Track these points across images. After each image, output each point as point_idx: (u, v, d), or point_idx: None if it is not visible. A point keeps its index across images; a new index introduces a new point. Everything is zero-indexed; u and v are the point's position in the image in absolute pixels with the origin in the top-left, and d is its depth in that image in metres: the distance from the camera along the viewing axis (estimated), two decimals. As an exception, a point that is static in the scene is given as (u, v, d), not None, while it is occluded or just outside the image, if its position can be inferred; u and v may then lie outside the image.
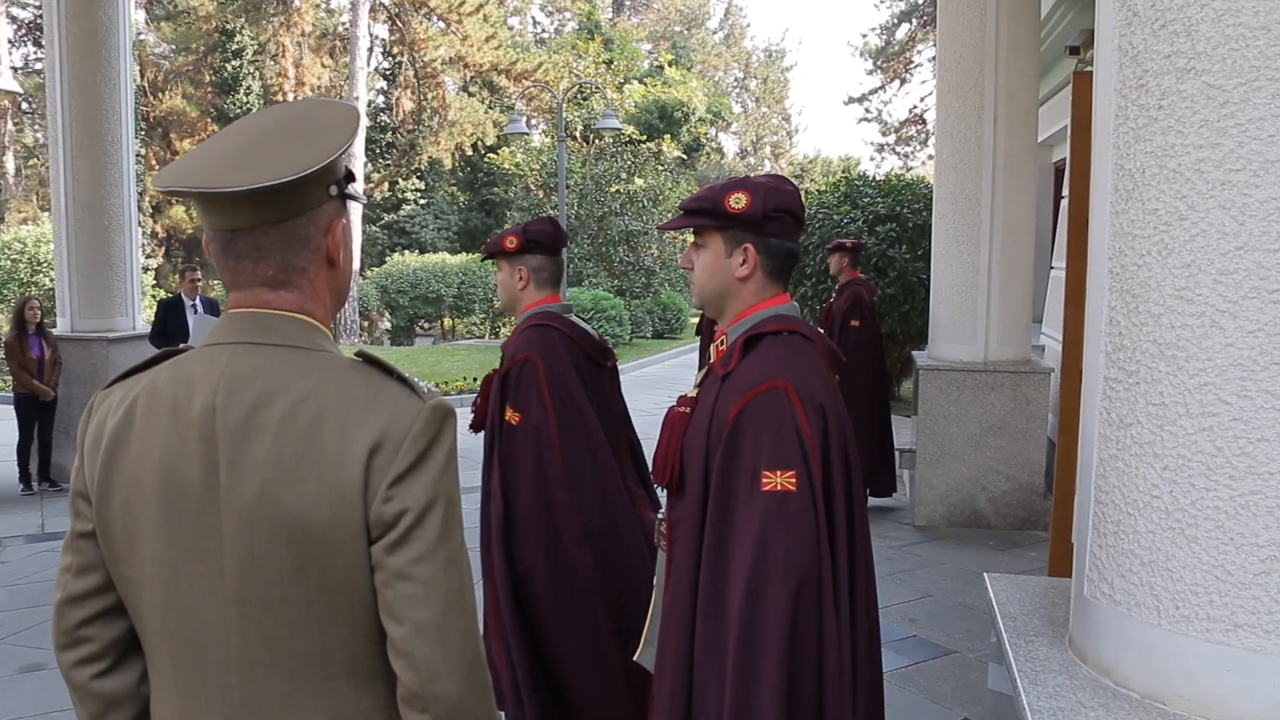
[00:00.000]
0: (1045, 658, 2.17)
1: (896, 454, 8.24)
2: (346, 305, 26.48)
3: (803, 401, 1.98)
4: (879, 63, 41.20)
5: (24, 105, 33.02)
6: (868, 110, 43.45)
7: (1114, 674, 2.01)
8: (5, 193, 33.43)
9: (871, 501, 7.94)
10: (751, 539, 1.91)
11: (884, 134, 43.55)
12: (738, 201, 2.12)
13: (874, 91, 42.62)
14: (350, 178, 1.46)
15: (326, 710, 1.34)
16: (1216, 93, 1.81)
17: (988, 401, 7.12)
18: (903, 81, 40.98)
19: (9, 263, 20.72)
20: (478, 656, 1.33)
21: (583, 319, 3.62)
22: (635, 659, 2.47)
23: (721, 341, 2.22)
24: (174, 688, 1.39)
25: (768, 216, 2.12)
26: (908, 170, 34.17)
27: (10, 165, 33.82)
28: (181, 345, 1.81)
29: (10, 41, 34.36)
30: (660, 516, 2.31)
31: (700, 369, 2.56)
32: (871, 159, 46.14)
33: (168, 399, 1.36)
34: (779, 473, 1.93)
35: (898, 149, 43.21)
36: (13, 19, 34.91)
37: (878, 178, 11.64)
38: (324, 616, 1.32)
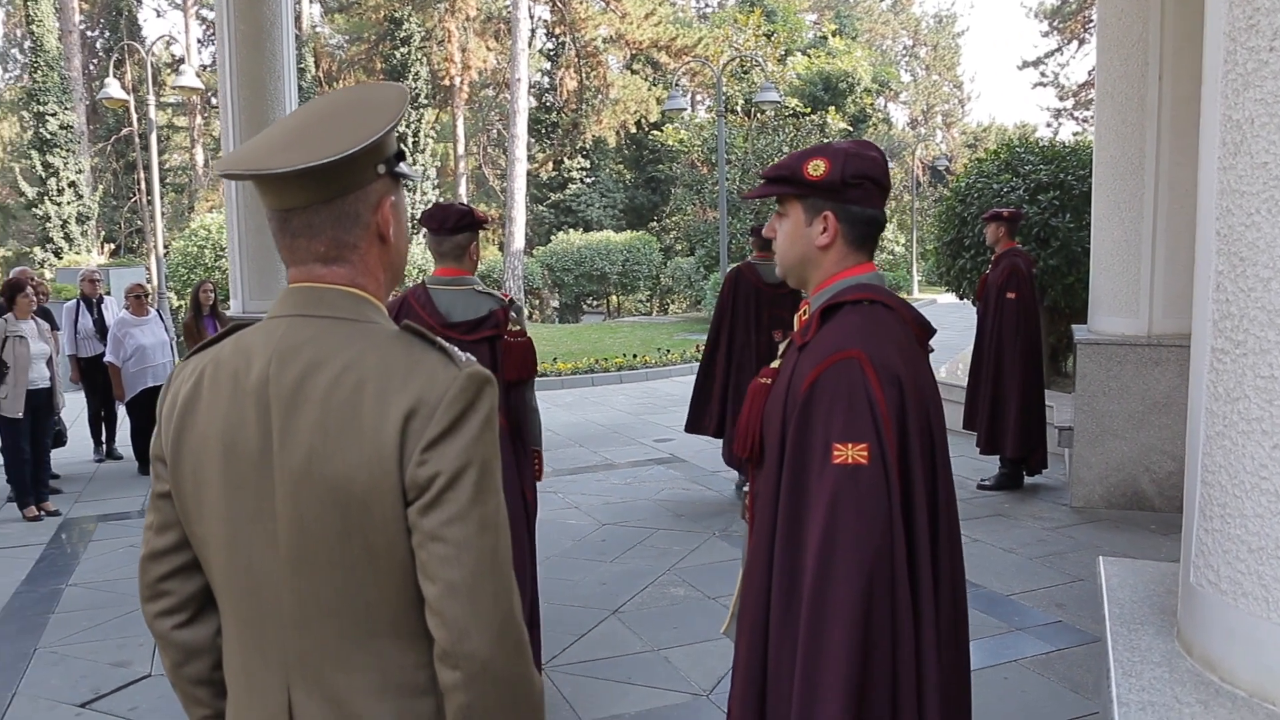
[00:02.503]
0: (1148, 648, 2.03)
1: (1056, 431, 7.91)
2: (511, 283, 27.04)
3: (877, 372, 1.90)
4: (1055, 23, 39.44)
5: (212, 100, 35.08)
6: (1043, 74, 41.75)
7: (1220, 669, 1.86)
8: (195, 183, 35.67)
9: (1026, 480, 7.65)
10: (822, 513, 1.86)
11: (1061, 99, 41.73)
12: (816, 169, 2.06)
13: (1050, 54, 40.91)
14: (401, 156, 1.51)
15: (374, 666, 1.40)
16: (1338, 32, 1.64)
17: (1151, 377, 6.71)
18: (1081, 42, 39.12)
19: (196, 248, 22.18)
20: (510, 617, 1.35)
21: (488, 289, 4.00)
22: (723, 632, 2.44)
23: (803, 311, 2.16)
24: (238, 640, 1.48)
25: (847, 183, 2.05)
26: (1082, 135, 32.48)
27: (200, 157, 36.06)
28: None
29: (199, 41, 36.59)
30: (744, 489, 2.28)
31: None
32: (1048, 125, 44.26)
33: (230, 370, 1.44)
34: (850, 445, 1.86)
35: (1075, 114, 41.26)
36: (202, 19, 37.18)
37: (1041, 144, 11.05)
38: (367, 577, 1.36)
